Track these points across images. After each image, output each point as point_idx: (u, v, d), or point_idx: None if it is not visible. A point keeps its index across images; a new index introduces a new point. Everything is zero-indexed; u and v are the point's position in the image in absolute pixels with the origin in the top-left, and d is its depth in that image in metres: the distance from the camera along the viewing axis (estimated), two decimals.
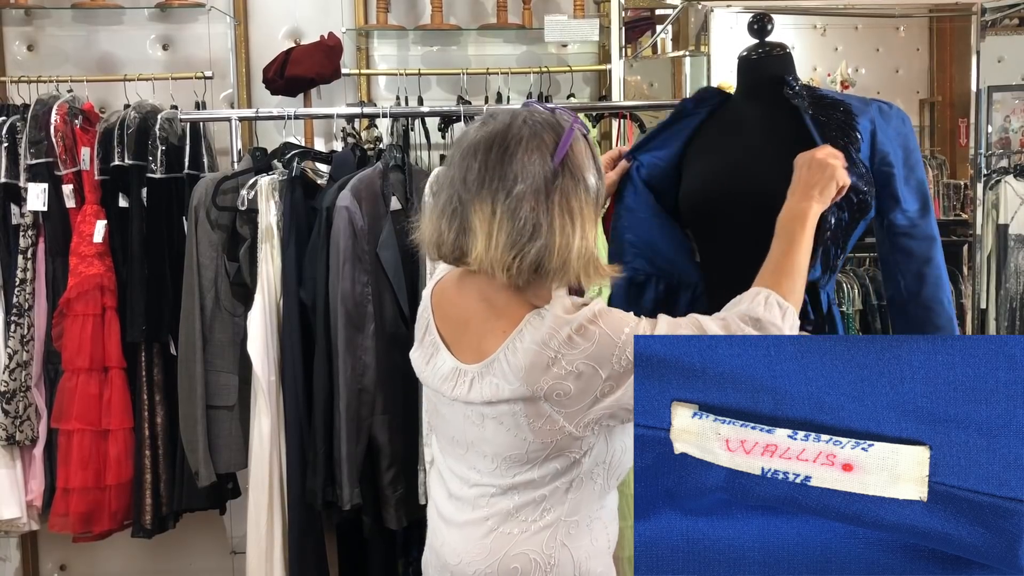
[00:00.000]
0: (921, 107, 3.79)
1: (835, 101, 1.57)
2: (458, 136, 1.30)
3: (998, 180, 3.59)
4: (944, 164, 3.66)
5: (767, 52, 1.64)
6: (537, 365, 1.20)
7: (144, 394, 2.47)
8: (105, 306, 2.47)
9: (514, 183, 1.18)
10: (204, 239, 2.27)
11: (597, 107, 2.72)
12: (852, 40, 3.75)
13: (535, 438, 1.23)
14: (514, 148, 1.19)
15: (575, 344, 1.19)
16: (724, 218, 1.59)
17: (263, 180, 2.22)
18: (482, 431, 1.27)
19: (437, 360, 1.33)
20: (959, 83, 3.66)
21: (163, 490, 2.46)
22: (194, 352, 2.28)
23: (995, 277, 3.43)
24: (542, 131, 1.21)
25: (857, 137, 1.53)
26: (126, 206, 2.48)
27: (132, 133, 2.46)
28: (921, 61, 3.76)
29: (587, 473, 1.27)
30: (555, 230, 1.18)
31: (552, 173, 1.19)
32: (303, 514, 2.23)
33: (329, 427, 2.18)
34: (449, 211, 1.23)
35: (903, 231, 1.59)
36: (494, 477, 1.28)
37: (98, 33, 2.98)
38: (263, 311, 2.21)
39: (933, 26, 3.83)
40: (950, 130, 3.71)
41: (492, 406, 1.24)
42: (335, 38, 2.83)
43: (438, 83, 3.04)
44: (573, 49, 3.09)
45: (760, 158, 1.56)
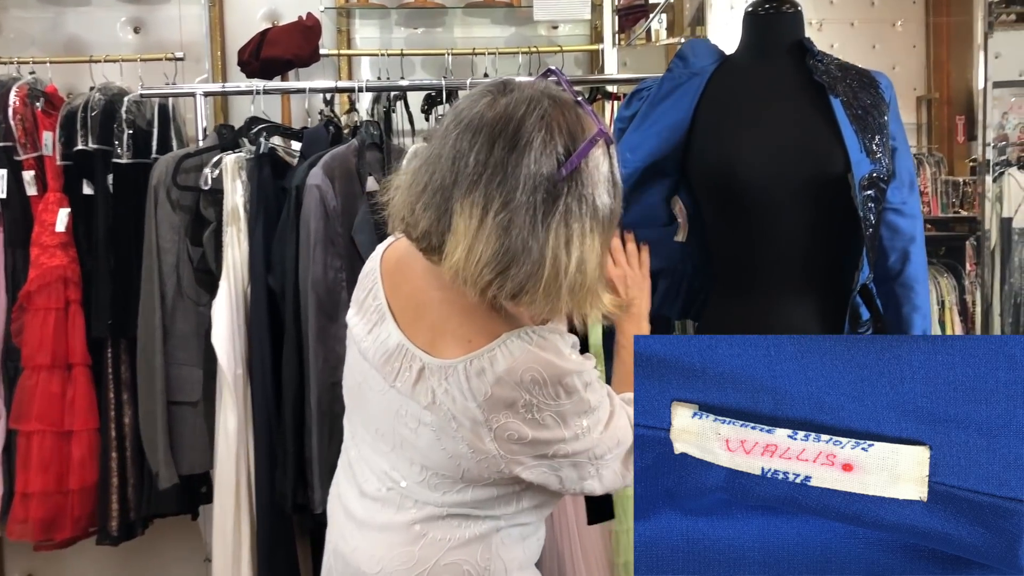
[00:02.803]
0: (919, 104, 3.85)
1: (862, 76, 1.54)
2: (459, 102, 1.09)
3: (1001, 172, 3.56)
4: (942, 161, 3.67)
5: (776, 8, 1.56)
6: (503, 400, 1.06)
7: (110, 392, 2.39)
8: (68, 299, 2.39)
9: (514, 192, 0.99)
10: (164, 221, 2.16)
11: (587, 80, 2.58)
12: (848, 36, 3.81)
13: (473, 467, 1.10)
14: (523, 148, 1.00)
15: (556, 393, 1.06)
16: (772, 201, 1.48)
17: (228, 158, 2.09)
18: (415, 437, 1.13)
19: (381, 331, 1.16)
20: (957, 80, 3.76)
21: (131, 494, 2.38)
22: (153, 344, 2.17)
23: (999, 272, 3.36)
24: (558, 132, 1.01)
25: (885, 122, 1.49)
26: (91, 193, 2.40)
27: (97, 116, 2.39)
28: (918, 58, 3.80)
29: (527, 508, 1.16)
30: (546, 258, 1.00)
31: (556, 188, 1.00)
32: (273, 518, 2.10)
33: (300, 424, 2.06)
34: (429, 194, 1.04)
35: (894, 207, 1.55)
36: (420, 488, 1.15)
37: (65, 15, 2.90)
38: (229, 299, 2.09)
39: (930, 22, 3.85)
40: (948, 127, 3.78)
41: (435, 415, 1.10)
42: (313, 18, 2.71)
43: (422, 65, 2.93)
44: (564, 31, 2.98)
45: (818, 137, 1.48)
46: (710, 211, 1.59)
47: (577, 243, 1.02)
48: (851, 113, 1.48)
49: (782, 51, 1.55)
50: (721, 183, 1.52)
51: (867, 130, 1.48)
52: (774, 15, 1.56)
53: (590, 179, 1.03)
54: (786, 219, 1.49)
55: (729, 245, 1.57)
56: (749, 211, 1.51)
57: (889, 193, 1.52)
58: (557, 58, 2.84)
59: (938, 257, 3.57)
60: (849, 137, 1.45)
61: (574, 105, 1.05)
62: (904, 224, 1.56)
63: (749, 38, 1.60)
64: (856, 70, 1.56)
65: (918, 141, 3.92)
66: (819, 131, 1.48)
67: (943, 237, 3.63)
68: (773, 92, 1.54)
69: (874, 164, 1.47)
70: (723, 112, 1.55)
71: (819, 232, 1.50)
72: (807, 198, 1.48)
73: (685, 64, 1.61)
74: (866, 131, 1.48)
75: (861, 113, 1.49)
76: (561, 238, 1.01)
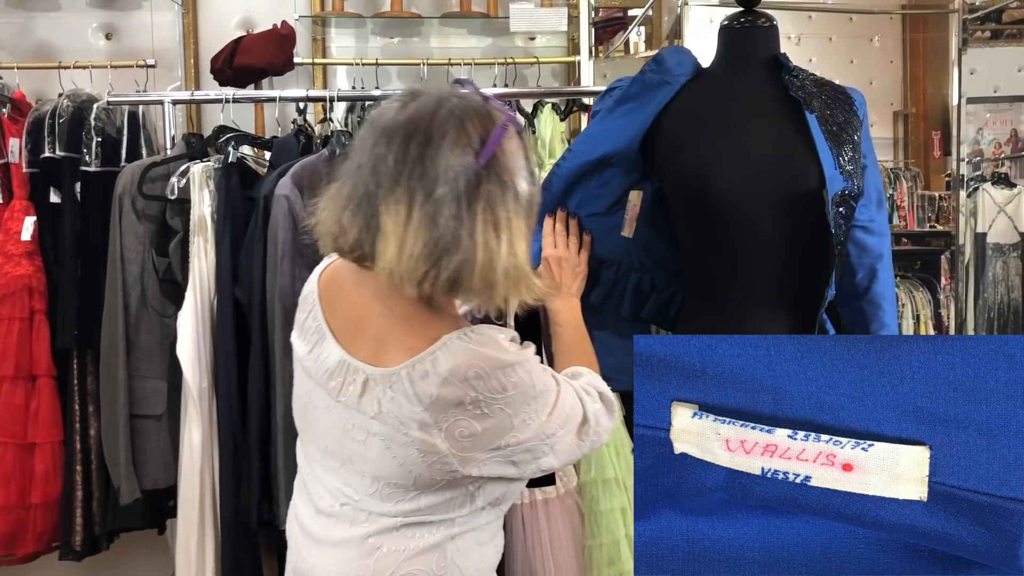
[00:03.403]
0: (895, 119, 3.87)
1: (837, 93, 1.54)
2: (371, 114, 1.13)
3: (975, 188, 3.60)
4: (919, 176, 3.71)
5: (752, 22, 1.56)
6: (450, 400, 1.07)
7: (76, 404, 2.34)
8: (34, 309, 2.34)
9: (435, 184, 1.03)
10: (129, 231, 2.12)
11: (562, 92, 2.57)
12: (827, 51, 3.84)
13: (424, 472, 1.10)
14: (438, 141, 1.04)
15: (500, 385, 1.07)
16: (745, 215, 1.48)
17: (196, 167, 2.06)
18: (364, 449, 1.13)
19: (322, 350, 1.17)
20: (933, 95, 3.79)
21: (95, 508, 2.32)
22: (116, 356, 2.13)
23: (973, 286, 3.39)
24: (469, 124, 1.05)
25: (858, 140, 1.49)
26: (58, 201, 2.34)
27: (65, 123, 2.33)
28: (895, 73, 3.89)
29: (482, 507, 1.16)
30: (477, 243, 1.03)
31: (476, 176, 1.04)
32: (237, 534, 2.07)
33: (266, 438, 2.03)
34: (355, 203, 1.07)
35: (862, 224, 1.55)
36: (373, 500, 1.15)
37: (35, 20, 2.85)
38: (195, 311, 2.06)
39: (907, 38, 3.89)
40: (924, 142, 3.80)
41: (383, 424, 1.10)
42: (288, 26, 2.69)
43: (398, 75, 2.90)
44: (541, 42, 2.97)
45: (793, 152, 1.48)
46: (683, 219, 1.58)
47: (505, 227, 1.05)
48: (826, 129, 1.48)
49: (757, 65, 1.55)
50: (695, 193, 1.51)
51: (841, 147, 1.48)
52: (750, 29, 1.55)
53: (508, 166, 1.06)
54: (759, 233, 1.48)
55: (701, 255, 1.57)
56: (722, 223, 1.50)
57: (857, 211, 1.51)
58: (534, 69, 2.83)
59: (914, 271, 3.60)
60: (824, 153, 1.45)
61: (482, 100, 1.10)
62: (872, 241, 1.56)
63: (724, 51, 1.59)
64: (831, 86, 1.56)
65: (895, 155, 3.95)
66: (794, 146, 1.47)
67: (919, 251, 3.66)
68: (748, 106, 1.53)
69: (847, 181, 1.47)
70: (698, 122, 1.54)
71: (791, 247, 1.49)
72: (780, 213, 1.47)
73: (660, 69, 1.60)
74: (840, 148, 1.48)
75: (836, 130, 1.49)
76: (488, 223, 1.04)
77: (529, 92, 2.46)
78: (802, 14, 3.76)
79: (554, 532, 2.19)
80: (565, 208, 1.59)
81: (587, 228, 1.57)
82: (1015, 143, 3.84)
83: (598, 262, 1.61)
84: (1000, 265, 3.65)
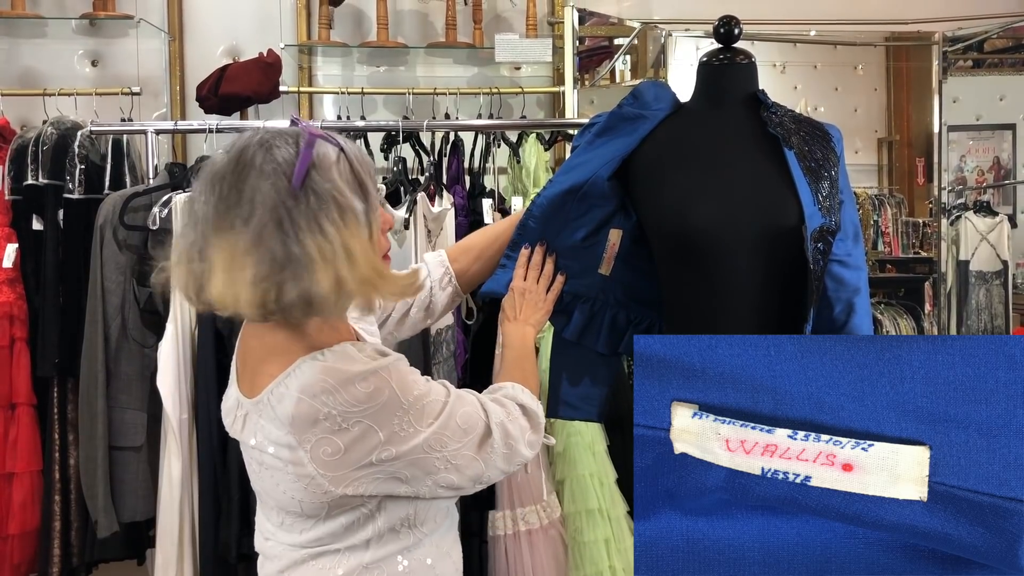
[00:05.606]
0: (879, 146, 3.90)
1: (814, 129, 1.54)
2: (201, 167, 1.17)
3: (958, 216, 3.63)
4: (903, 202, 3.72)
5: (731, 59, 1.57)
6: (304, 417, 1.07)
7: (55, 433, 2.31)
8: (14, 337, 2.32)
9: (251, 212, 1.04)
10: (110, 261, 2.11)
11: (546, 124, 2.58)
12: (811, 78, 3.86)
13: (306, 497, 1.10)
14: (246, 173, 1.06)
15: (354, 398, 1.07)
16: (725, 251, 1.48)
17: (178, 197, 2.06)
18: (261, 482, 1.16)
19: (230, 392, 1.22)
20: (917, 123, 3.82)
21: (74, 539, 2.29)
22: (95, 386, 2.11)
23: (956, 314, 3.41)
24: (276, 150, 1.07)
25: (835, 175, 1.50)
26: (40, 229, 2.33)
27: (48, 150, 2.32)
28: (879, 100, 3.85)
29: (388, 528, 1.14)
30: (313, 258, 1.04)
31: (292, 196, 1.05)
32: (217, 569, 2.05)
33: (245, 471, 1.98)
34: (196, 252, 1.08)
35: (838, 259, 1.54)
36: (282, 532, 1.16)
37: (20, 47, 2.85)
38: (175, 342, 2.05)
39: (890, 66, 3.92)
40: (908, 169, 3.82)
41: (262, 452, 1.12)
42: (274, 55, 2.70)
43: (384, 104, 2.91)
44: (526, 72, 2.98)
45: (773, 188, 1.49)
46: (662, 254, 1.58)
47: (336, 238, 1.05)
48: (804, 165, 1.48)
49: (736, 102, 1.56)
50: (674, 228, 1.51)
51: (819, 183, 1.49)
52: (728, 66, 1.56)
53: (324, 181, 1.07)
54: (738, 268, 1.49)
55: (681, 289, 1.56)
56: (701, 258, 1.50)
57: (835, 245, 1.52)
58: (519, 99, 2.84)
59: (898, 298, 3.61)
60: (803, 190, 1.46)
61: (292, 126, 1.13)
62: (849, 276, 1.56)
63: (703, 87, 1.60)
64: (809, 122, 1.56)
65: (879, 182, 3.97)
66: (773, 183, 1.48)
67: (903, 279, 3.67)
68: (727, 142, 1.54)
69: (825, 217, 1.47)
70: (677, 157, 1.55)
71: (770, 283, 1.50)
72: (759, 248, 1.48)
73: (637, 103, 1.61)
74: (818, 184, 1.49)
75: (814, 166, 1.49)
76: (320, 239, 1.04)
77: (514, 124, 2.47)
78: (787, 42, 3.79)
79: (537, 563, 2.18)
80: (544, 243, 1.59)
81: (563, 268, 1.56)
82: (997, 171, 3.88)
83: (573, 296, 1.61)
84: (983, 293, 3.67)
